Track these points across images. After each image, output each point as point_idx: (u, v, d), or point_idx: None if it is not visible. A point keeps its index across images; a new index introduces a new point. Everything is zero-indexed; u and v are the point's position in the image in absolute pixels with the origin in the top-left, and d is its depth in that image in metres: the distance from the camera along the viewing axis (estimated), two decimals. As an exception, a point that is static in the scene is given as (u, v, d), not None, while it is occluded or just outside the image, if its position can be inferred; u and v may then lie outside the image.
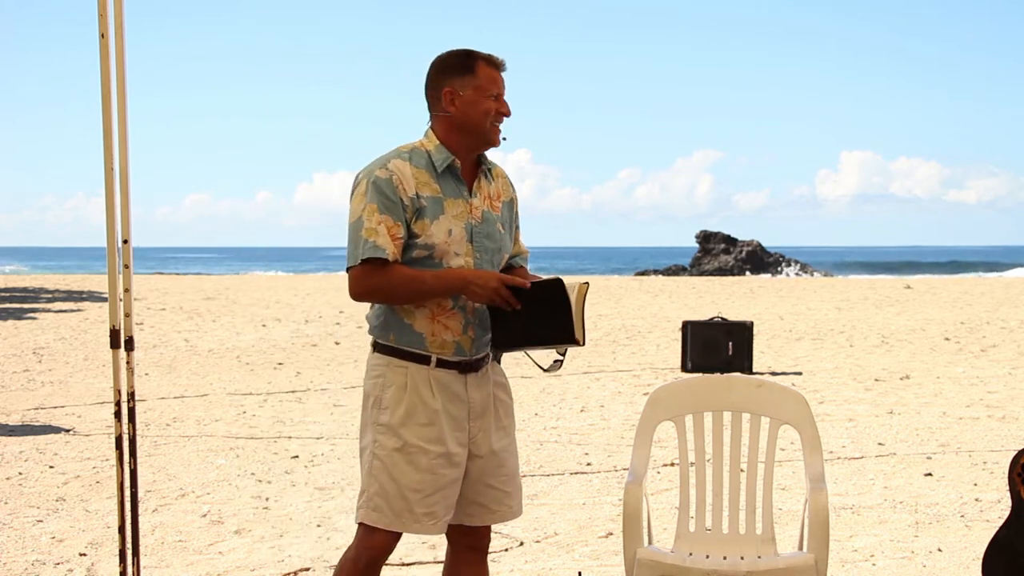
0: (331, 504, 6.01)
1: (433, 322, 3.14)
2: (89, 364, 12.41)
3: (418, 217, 3.09)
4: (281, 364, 12.53)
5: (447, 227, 3.12)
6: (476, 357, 3.20)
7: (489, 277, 3.09)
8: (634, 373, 11.62)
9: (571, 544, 5.22)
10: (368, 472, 3.15)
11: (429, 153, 3.16)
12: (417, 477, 3.10)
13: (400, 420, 3.12)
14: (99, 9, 3.74)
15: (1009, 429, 8.13)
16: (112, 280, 3.79)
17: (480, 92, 3.16)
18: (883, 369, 11.71)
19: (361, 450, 3.21)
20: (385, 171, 3.09)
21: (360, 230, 3.07)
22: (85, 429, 8.28)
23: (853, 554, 5.02)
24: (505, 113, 3.21)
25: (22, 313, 19.44)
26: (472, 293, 3.10)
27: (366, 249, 3.06)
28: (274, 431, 8.25)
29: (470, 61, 3.17)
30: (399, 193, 3.07)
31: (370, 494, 3.13)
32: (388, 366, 3.18)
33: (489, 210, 3.24)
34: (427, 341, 3.14)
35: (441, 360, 3.15)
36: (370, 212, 3.07)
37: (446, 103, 3.16)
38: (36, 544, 5.24)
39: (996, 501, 5.92)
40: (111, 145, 3.75)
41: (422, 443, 3.11)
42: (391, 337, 3.18)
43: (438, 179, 3.15)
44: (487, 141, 3.20)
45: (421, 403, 3.13)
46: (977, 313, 19.03)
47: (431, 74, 3.22)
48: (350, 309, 20.40)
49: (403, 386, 3.14)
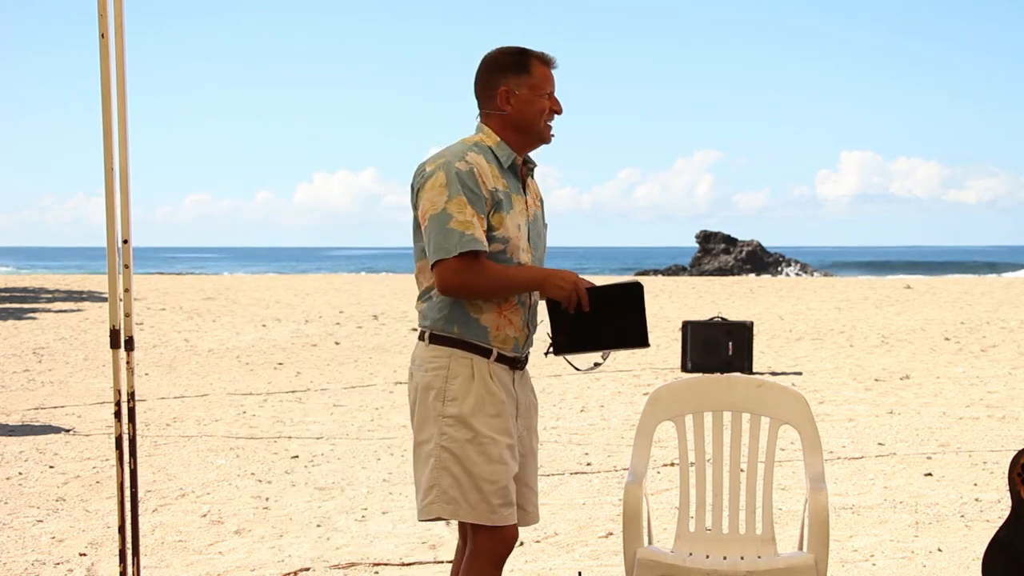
0: (331, 504, 6.01)
1: (499, 316, 3.13)
2: (89, 364, 12.41)
3: (496, 211, 3.09)
4: (281, 364, 12.53)
5: (517, 222, 3.14)
6: (525, 355, 3.23)
7: (568, 274, 3.10)
8: (634, 373, 11.63)
9: (571, 544, 5.22)
10: (437, 466, 3.10)
11: (492, 149, 3.17)
12: (490, 468, 3.08)
13: (470, 410, 3.09)
14: (99, 9, 3.73)
15: (1009, 429, 8.13)
16: (112, 280, 3.79)
17: (535, 91, 3.17)
18: (883, 369, 11.71)
19: (420, 444, 3.16)
20: (465, 163, 3.07)
21: (449, 222, 3.03)
22: (85, 429, 8.28)
23: (853, 554, 5.02)
24: (558, 111, 3.22)
25: (22, 313, 19.44)
26: (552, 288, 3.09)
27: (464, 241, 3.02)
28: (274, 431, 8.25)
29: (524, 59, 3.18)
30: (481, 186, 3.06)
31: (443, 487, 3.09)
32: (451, 357, 3.12)
33: (535, 209, 3.27)
34: (491, 335, 3.13)
35: (501, 354, 3.14)
36: (460, 204, 3.04)
37: (501, 102, 3.17)
38: (36, 544, 5.24)
39: (996, 501, 5.92)
40: (111, 145, 3.75)
41: (493, 434, 3.09)
42: (455, 330, 3.13)
43: (504, 175, 3.15)
44: (541, 139, 3.22)
45: (488, 393, 3.11)
46: (977, 313, 19.02)
47: (484, 72, 3.21)
48: (350, 309, 20.41)
49: (470, 376, 3.11)
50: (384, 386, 10.70)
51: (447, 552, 5.09)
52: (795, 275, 48.41)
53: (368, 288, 27.55)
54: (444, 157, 3.11)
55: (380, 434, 8.11)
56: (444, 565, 4.90)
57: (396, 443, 7.73)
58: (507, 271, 3.09)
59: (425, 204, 3.08)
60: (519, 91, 3.16)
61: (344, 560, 4.97)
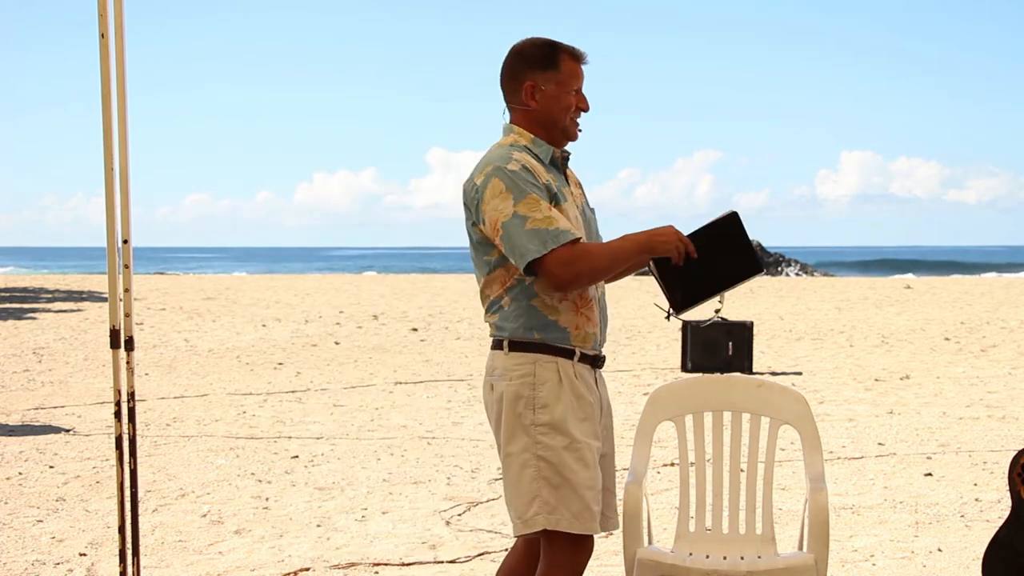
0: (331, 504, 6.01)
1: (577, 315, 3.06)
2: (89, 364, 12.41)
3: (554, 203, 3.03)
4: (281, 364, 12.52)
5: (573, 213, 3.07)
6: (602, 352, 3.16)
7: (667, 228, 3.01)
8: (634, 373, 11.63)
9: (571, 544, 5.21)
10: (536, 476, 2.98)
11: (528, 147, 3.09)
12: (587, 474, 3.00)
13: (563, 416, 3.00)
14: (99, 9, 3.73)
15: (1009, 429, 8.13)
16: (112, 280, 3.79)
17: (562, 87, 3.09)
18: (883, 369, 11.71)
19: (512, 455, 3.02)
20: (515, 163, 3.00)
21: (526, 224, 2.93)
22: (85, 429, 8.28)
23: (853, 554, 5.02)
24: (584, 108, 3.13)
25: (22, 313, 19.43)
26: (660, 245, 2.99)
27: (555, 236, 2.93)
28: (274, 431, 8.25)
29: (553, 54, 3.08)
30: (539, 179, 3.01)
31: (544, 498, 2.97)
32: (536, 363, 3.02)
33: (580, 197, 3.22)
34: (572, 335, 3.05)
35: (583, 354, 3.07)
36: (532, 202, 2.95)
37: (527, 96, 3.09)
38: (36, 544, 5.24)
39: (996, 501, 5.92)
40: (111, 145, 3.75)
41: (586, 438, 3.02)
42: (536, 336, 3.04)
43: (547, 170, 3.09)
44: (566, 135, 3.14)
45: (577, 398, 3.03)
46: (977, 313, 19.02)
47: (512, 63, 3.12)
48: (350, 309, 20.41)
49: (558, 381, 3.01)
50: (384, 386, 10.70)
51: (447, 552, 5.09)
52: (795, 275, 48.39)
53: (368, 288, 27.55)
54: (490, 164, 3.02)
55: (380, 434, 8.11)
56: (444, 565, 4.90)
57: (396, 443, 7.73)
58: (611, 246, 3.00)
59: (492, 214, 2.98)
60: (545, 87, 3.07)
61: (344, 560, 4.97)
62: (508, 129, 3.15)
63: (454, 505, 5.97)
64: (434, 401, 9.72)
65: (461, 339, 15.22)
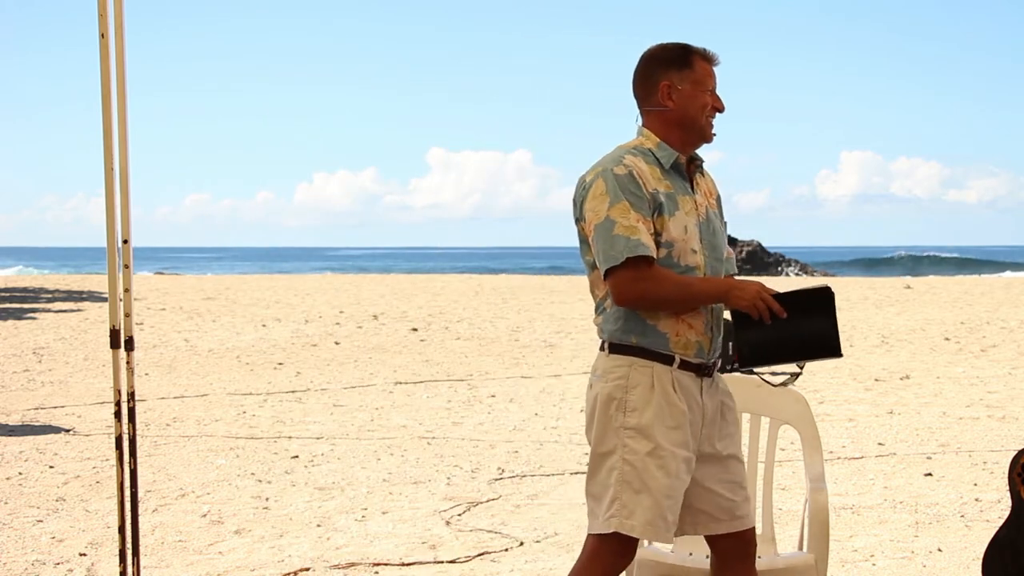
0: (331, 504, 6.01)
1: (678, 322, 3.03)
2: (89, 364, 12.41)
3: (658, 213, 3.00)
4: (281, 364, 12.52)
5: (683, 223, 3.04)
6: (712, 361, 3.12)
7: (750, 283, 3.00)
8: (634, 373, 11.61)
9: (571, 544, 5.22)
10: (620, 479, 3.00)
11: (652, 151, 3.08)
12: (667, 482, 2.98)
13: (650, 422, 3.00)
14: (99, 9, 3.73)
15: (1009, 429, 8.13)
16: (112, 280, 3.79)
17: (697, 86, 3.08)
18: (883, 369, 11.70)
19: (600, 455, 3.04)
20: (623, 167, 3.00)
21: (613, 229, 2.95)
22: (85, 429, 8.28)
23: (853, 554, 5.02)
24: (719, 108, 3.12)
25: (22, 313, 19.43)
26: (735, 299, 2.99)
27: (631, 246, 2.93)
28: (274, 431, 8.25)
29: (687, 55, 3.09)
30: (643, 188, 2.99)
31: (624, 501, 2.99)
32: (631, 367, 3.02)
33: (709, 207, 3.17)
34: (671, 342, 3.03)
35: (684, 361, 3.04)
36: (623, 209, 2.95)
37: (663, 97, 3.09)
38: (36, 544, 5.24)
39: (996, 501, 5.92)
40: (111, 145, 3.75)
41: (672, 447, 3.00)
42: (633, 339, 3.04)
43: (666, 176, 3.06)
44: (703, 136, 3.13)
45: (668, 404, 3.01)
46: (977, 313, 19.02)
47: (644, 67, 3.13)
48: (350, 309, 20.40)
49: (650, 386, 3.01)
50: (384, 386, 10.70)
51: (447, 552, 5.09)
52: (795, 275, 48.41)
53: (368, 288, 27.54)
54: (602, 165, 3.04)
55: (380, 434, 8.11)
56: (444, 565, 4.90)
57: (396, 443, 7.73)
58: (688, 281, 3.00)
59: (589, 215, 3.01)
60: (681, 86, 3.07)
61: (344, 560, 4.97)
62: (638, 131, 3.16)
63: (454, 505, 5.97)
64: (434, 401, 9.72)
65: (461, 339, 15.23)
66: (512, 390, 10.36)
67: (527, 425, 8.46)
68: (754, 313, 2.99)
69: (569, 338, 15.29)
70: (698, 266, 3.06)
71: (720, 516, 3.13)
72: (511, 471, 6.83)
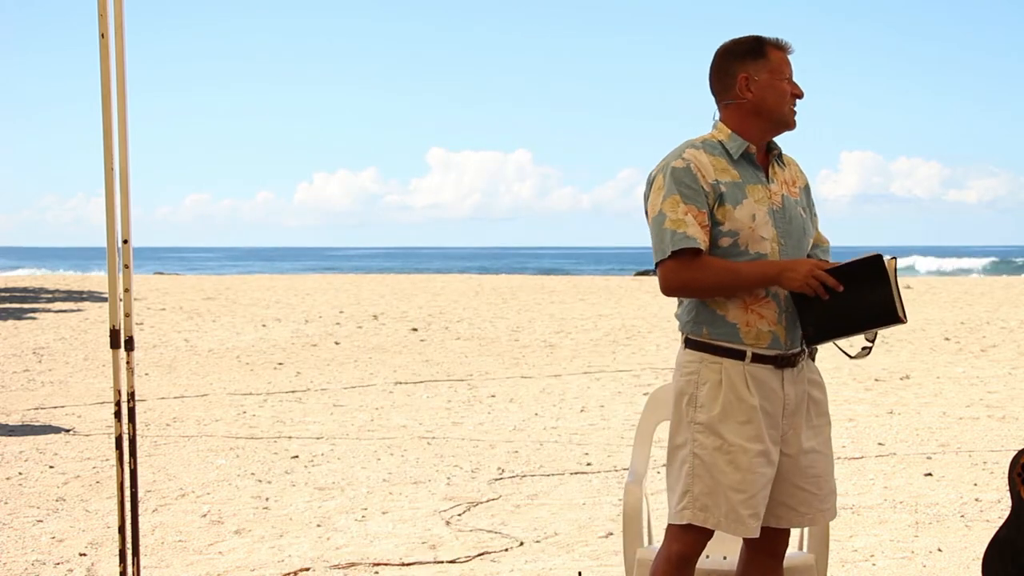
0: (331, 504, 6.01)
1: (747, 312, 3.04)
2: (89, 364, 12.41)
3: (720, 203, 3.03)
4: (281, 364, 12.52)
5: (751, 212, 3.05)
6: (792, 351, 3.10)
7: (800, 264, 3.01)
8: (634, 373, 11.62)
9: (571, 544, 5.22)
10: (690, 472, 3.04)
11: (722, 142, 3.11)
12: (738, 477, 3.01)
13: (719, 418, 3.02)
14: (99, 9, 3.73)
15: (1009, 429, 8.13)
16: (112, 280, 3.79)
17: (775, 75, 3.10)
18: (883, 369, 11.70)
19: (674, 448, 3.10)
20: (681, 160, 3.04)
21: (664, 222, 3.01)
22: (85, 429, 8.28)
23: (853, 554, 5.02)
24: (799, 95, 3.15)
25: (22, 313, 19.43)
26: (787, 280, 3.00)
27: (676, 240, 2.98)
28: (274, 431, 8.25)
29: (760, 46, 3.12)
30: (700, 181, 3.02)
31: (696, 494, 3.03)
32: (702, 362, 3.06)
33: (788, 195, 3.17)
34: (741, 332, 3.04)
35: (756, 354, 3.05)
36: (673, 203, 3.01)
37: (741, 89, 3.11)
38: (36, 544, 5.24)
39: (996, 501, 5.92)
40: (111, 145, 3.75)
41: (742, 441, 3.01)
42: (704, 332, 3.07)
43: (735, 166, 3.09)
44: (785, 123, 3.15)
45: (738, 400, 3.03)
46: (977, 313, 19.01)
47: (720, 62, 3.15)
48: (350, 309, 20.40)
49: (718, 383, 3.03)
50: (384, 386, 10.70)
51: (447, 552, 5.09)
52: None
53: (368, 288, 27.54)
54: (665, 160, 3.08)
55: (380, 434, 8.11)
56: (444, 565, 4.90)
57: (396, 443, 7.73)
58: (735, 267, 3.01)
59: (649, 208, 3.07)
60: (758, 76, 3.09)
61: (344, 560, 4.97)
62: (714, 125, 3.18)
63: (454, 505, 5.97)
64: (434, 401, 9.72)
65: (461, 339, 15.23)
66: (512, 390, 10.36)
67: (527, 425, 8.46)
68: (809, 291, 3.00)
69: (569, 338, 15.29)
70: (768, 253, 3.07)
71: (802, 509, 3.15)
72: (511, 471, 6.83)
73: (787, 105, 3.13)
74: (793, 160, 3.30)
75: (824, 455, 3.19)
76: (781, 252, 3.09)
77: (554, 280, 33.10)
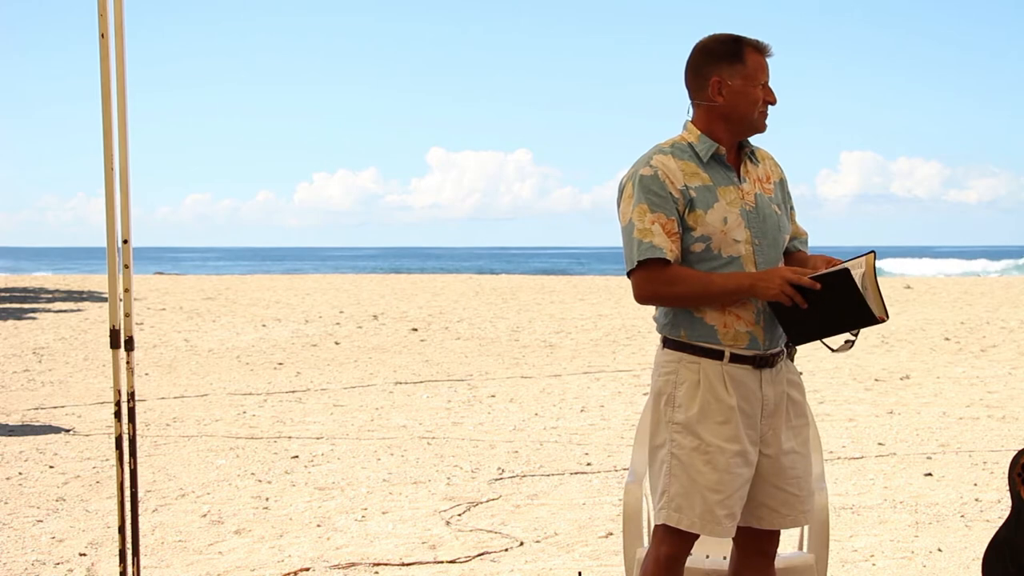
0: (331, 504, 6.01)
1: (725, 313, 3.04)
2: (89, 364, 12.41)
3: (690, 209, 3.02)
4: (281, 364, 12.53)
5: (722, 215, 3.04)
6: (771, 352, 3.10)
7: (773, 276, 3.00)
8: (634, 373, 11.62)
9: (571, 544, 5.22)
10: (668, 472, 3.05)
11: (691, 145, 3.09)
12: (715, 477, 3.00)
13: (696, 418, 3.02)
14: (99, 9, 3.73)
15: (1009, 429, 8.13)
16: (112, 280, 3.79)
17: (748, 81, 3.07)
18: (883, 369, 11.70)
19: (654, 448, 3.11)
20: (649, 168, 3.03)
21: (632, 232, 3.02)
22: (85, 429, 8.28)
23: (853, 554, 5.02)
24: (771, 101, 3.11)
25: (22, 313, 19.43)
26: (761, 291, 3.00)
27: (642, 250, 2.99)
28: (274, 431, 8.25)
29: (738, 48, 3.08)
30: (668, 188, 3.01)
31: (671, 494, 3.04)
32: (680, 362, 3.07)
33: (761, 193, 3.15)
34: (719, 334, 3.04)
35: (735, 355, 3.05)
36: (641, 212, 3.01)
37: (713, 92, 3.08)
38: (36, 544, 5.24)
39: (996, 501, 5.92)
40: (111, 145, 3.75)
41: (719, 442, 3.01)
42: (682, 333, 3.07)
43: (705, 169, 3.07)
44: (754, 129, 3.13)
45: (715, 400, 3.03)
46: (977, 313, 19.01)
47: (696, 60, 3.12)
48: (350, 309, 20.40)
49: (696, 383, 3.04)
50: (384, 386, 10.70)
51: (447, 552, 5.09)
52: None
53: (368, 288, 27.54)
54: (634, 167, 3.08)
55: (380, 434, 8.11)
56: (444, 565, 4.90)
57: (396, 443, 7.73)
58: (707, 279, 3.01)
59: (620, 217, 3.09)
60: (732, 81, 3.06)
61: (344, 560, 4.97)
62: (684, 126, 3.16)
63: (454, 505, 5.97)
64: (434, 401, 9.72)
65: (461, 339, 15.23)
66: (512, 390, 10.36)
67: (527, 425, 8.46)
68: (785, 301, 3.00)
69: (569, 338, 15.29)
70: (742, 256, 3.06)
71: (783, 511, 3.15)
72: (511, 471, 6.83)
73: (757, 111, 3.10)
74: (768, 154, 3.26)
75: (803, 456, 3.19)
76: (756, 252, 3.08)
77: (554, 280, 33.11)
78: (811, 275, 3.02)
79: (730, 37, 3.11)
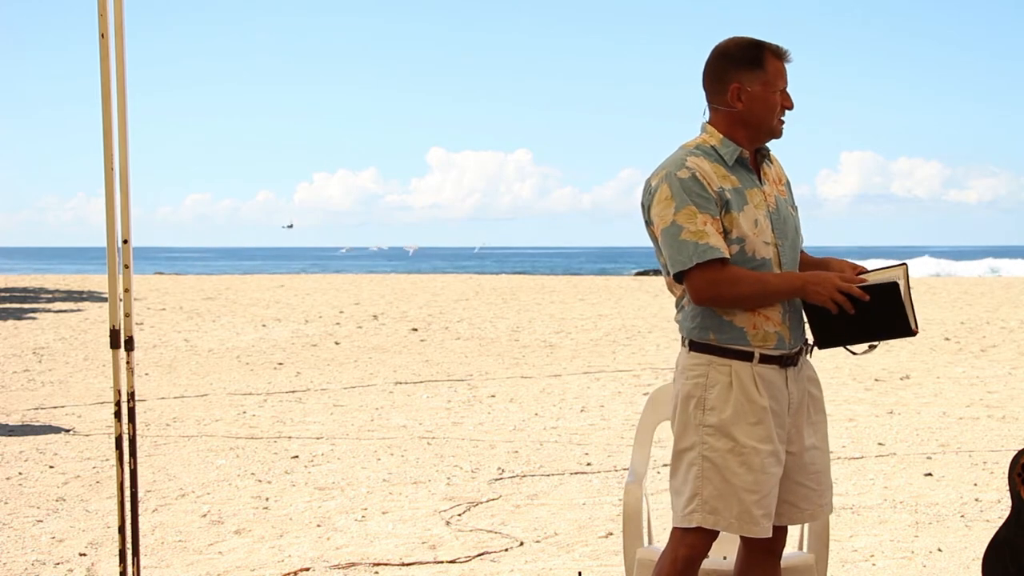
0: (331, 504, 6.01)
1: (755, 315, 3.04)
2: (89, 364, 12.41)
3: (726, 211, 3.01)
4: (281, 364, 12.53)
5: (753, 217, 3.04)
6: (795, 350, 3.11)
7: (825, 280, 3.01)
8: (634, 373, 11.62)
9: (571, 544, 5.22)
10: (699, 475, 3.03)
11: (715, 148, 3.08)
12: (751, 478, 3.00)
13: (730, 420, 3.02)
14: (99, 9, 3.74)
15: (1009, 429, 8.13)
16: (112, 280, 3.79)
17: (768, 87, 3.07)
18: (883, 369, 11.71)
19: (680, 452, 3.09)
20: (686, 170, 3.01)
21: (680, 234, 2.98)
22: (85, 429, 8.28)
23: (853, 554, 5.02)
24: (789, 107, 3.11)
25: (22, 313, 19.43)
26: (812, 294, 3.01)
27: (700, 251, 2.96)
28: (274, 431, 8.25)
29: (759, 54, 3.07)
30: (708, 189, 3.00)
31: (705, 496, 3.02)
32: (710, 365, 3.05)
33: (779, 195, 3.17)
34: (749, 335, 3.04)
35: (764, 355, 3.05)
36: (689, 214, 2.98)
37: (732, 98, 3.07)
38: (36, 544, 5.24)
39: (996, 501, 5.92)
40: (111, 145, 3.75)
41: (753, 443, 3.01)
42: (711, 336, 3.06)
43: (731, 171, 3.07)
44: (772, 134, 3.13)
45: (748, 401, 3.02)
46: (977, 313, 19.01)
47: (716, 65, 3.11)
48: (350, 309, 20.39)
49: (728, 385, 3.03)
50: (384, 386, 10.70)
51: (447, 552, 5.09)
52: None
53: (368, 288, 27.53)
54: (665, 168, 3.05)
55: (380, 434, 8.11)
56: (444, 565, 4.90)
57: (396, 443, 7.73)
58: (763, 279, 3.01)
59: (656, 220, 3.04)
60: (751, 87, 3.05)
61: (344, 560, 4.97)
62: (703, 128, 3.15)
63: (454, 505, 5.97)
64: (434, 401, 9.72)
65: (461, 339, 15.23)
66: (512, 390, 10.36)
67: (527, 425, 8.46)
68: (832, 307, 3.01)
69: (569, 338, 15.29)
70: (771, 257, 3.07)
71: (803, 506, 3.16)
72: (511, 471, 6.84)
73: (776, 118, 3.11)
74: (775, 157, 3.28)
75: (823, 451, 3.21)
76: (780, 254, 3.10)
77: (554, 280, 33.10)
78: (860, 284, 3.03)
79: (751, 42, 3.10)
